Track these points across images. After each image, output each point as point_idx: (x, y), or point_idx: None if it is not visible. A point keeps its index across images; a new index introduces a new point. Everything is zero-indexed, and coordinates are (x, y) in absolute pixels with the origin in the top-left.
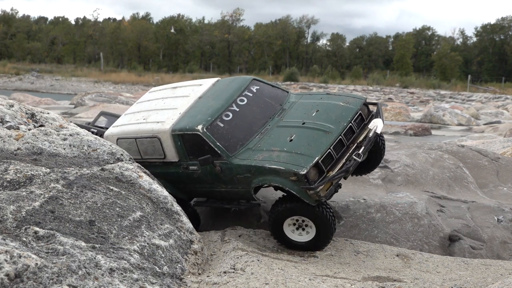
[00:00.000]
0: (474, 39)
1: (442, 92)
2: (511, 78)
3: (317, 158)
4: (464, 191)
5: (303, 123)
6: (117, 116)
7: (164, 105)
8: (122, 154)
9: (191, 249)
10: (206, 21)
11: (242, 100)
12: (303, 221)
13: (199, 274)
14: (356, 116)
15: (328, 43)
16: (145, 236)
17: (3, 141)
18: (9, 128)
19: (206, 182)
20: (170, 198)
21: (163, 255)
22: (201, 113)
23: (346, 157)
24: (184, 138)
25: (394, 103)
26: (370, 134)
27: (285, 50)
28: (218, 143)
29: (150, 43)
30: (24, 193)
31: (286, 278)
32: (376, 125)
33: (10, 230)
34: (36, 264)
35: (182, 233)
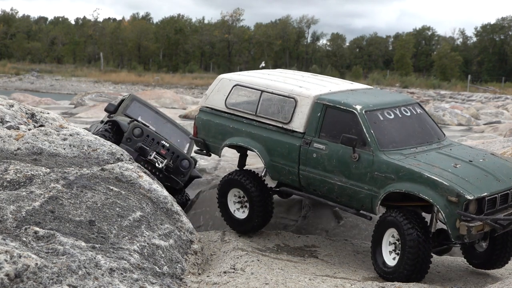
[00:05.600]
0: (474, 39)
1: (442, 92)
2: (511, 78)
3: (486, 193)
4: None
5: (470, 161)
6: (148, 105)
7: (307, 79)
8: (122, 154)
9: (191, 249)
10: (206, 21)
11: (406, 111)
12: (397, 240)
13: (199, 274)
14: None
15: (328, 43)
16: (145, 236)
17: (3, 141)
18: (9, 128)
19: (322, 166)
20: (170, 198)
21: (163, 255)
22: (358, 98)
23: (505, 213)
24: (329, 111)
25: None
26: None
27: (285, 50)
28: (371, 130)
29: (150, 43)
30: (24, 193)
31: (286, 278)
32: None
33: (10, 230)
34: (36, 264)
35: (182, 233)
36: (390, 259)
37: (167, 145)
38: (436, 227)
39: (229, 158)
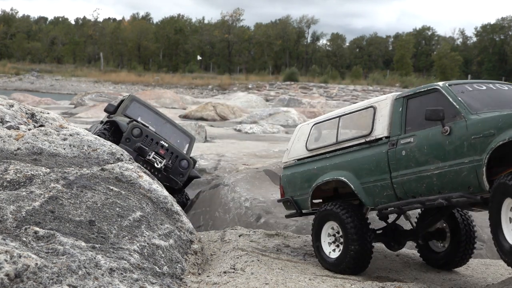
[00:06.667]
0: (474, 39)
1: None
2: (511, 78)
3: None
4: None
5: None
6: (148, 106)
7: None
8: (122, 154)
9: (191, 249)
10: (206, 21)
11: (502, 86)
12: None
13: (199, 274)
14: None
15: (328, 43)
16: (145, 236)
17: (3, 141)
18: (9, 128)
19: (415, 161)
20: (170, 198)
21: (163, 255)
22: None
23: None
24: (411, 101)
25: None
26: None
27: (285, 50)
28: (459, 98)
29: (150, 43)
30: (24, 193)
31: (286, 278)
32: None
33: (10, 230)
34: (36, 264)
35: (182, 233)
36: None
37: (166, 145)
38: None
39: (229, 158)
